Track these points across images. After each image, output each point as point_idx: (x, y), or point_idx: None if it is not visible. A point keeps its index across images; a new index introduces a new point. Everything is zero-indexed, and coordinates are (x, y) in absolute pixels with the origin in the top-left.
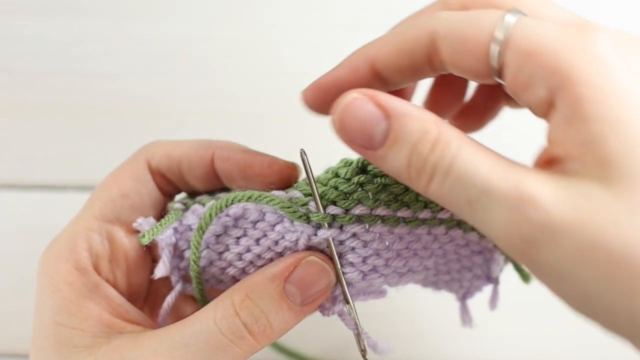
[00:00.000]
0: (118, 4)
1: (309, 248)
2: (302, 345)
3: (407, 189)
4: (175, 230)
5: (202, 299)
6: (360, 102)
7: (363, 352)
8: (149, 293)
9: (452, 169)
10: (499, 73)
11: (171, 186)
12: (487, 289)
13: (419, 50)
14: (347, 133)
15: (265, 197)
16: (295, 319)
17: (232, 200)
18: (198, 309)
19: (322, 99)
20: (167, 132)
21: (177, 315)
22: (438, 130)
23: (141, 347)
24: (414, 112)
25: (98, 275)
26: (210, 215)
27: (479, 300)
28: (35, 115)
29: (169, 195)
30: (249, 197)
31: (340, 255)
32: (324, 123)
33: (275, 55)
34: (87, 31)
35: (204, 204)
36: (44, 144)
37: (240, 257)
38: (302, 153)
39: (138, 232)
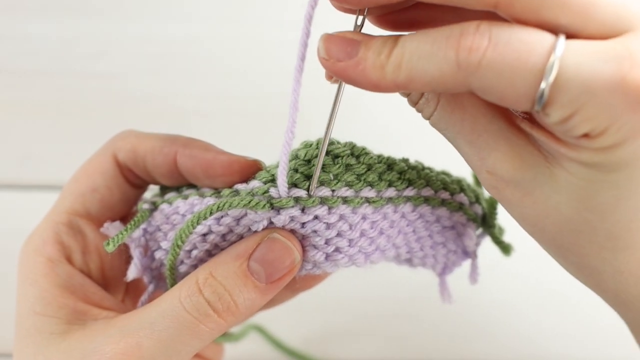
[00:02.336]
0: (118, 4)
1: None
2: (300, 343)
3: (369, 169)
4: (145, 231)
5: None
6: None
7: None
8: (130, 285)
9: (431, 121)
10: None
11: (139, 179)
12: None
13: None
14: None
15: (225, 204)
16: (262, 298)
17: (198, 220)
18: None
19: None
20: (167, 132)
21: None
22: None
23: (111, 328)
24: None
25: (71, 266)
26: (182, 239)
27: (479, 300)
28: (35, 115)
29: (139, 188)
30: (211, 211)
31: (303, 237)
32: (324, 123)
33: (275, 55)
34: (87, 31)
35: (171, 203)
36: (44, 144)
37: (209, 254)
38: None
39: None
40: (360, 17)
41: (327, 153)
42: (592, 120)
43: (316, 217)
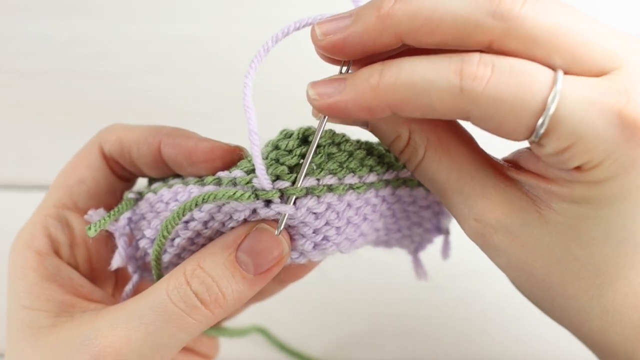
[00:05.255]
0: (118, 4)
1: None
2: (303, 345)
3: (350, 156)
4: (130, 220)
5: None
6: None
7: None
8: (119, 278)
9: (417, 171)
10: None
11: (126, 171)
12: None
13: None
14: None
15: (210, 196)
16: (250, 289)
17: (183, 212)
18: None
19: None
20: None
21: None
22: (408, 134)
23: (100, 321)
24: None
25: (59, 259)
26: (167, 229)
27: (479, 300)
28: (35, 115)
29: (125, 180)
30: (196, 203)
31: (289, 227)
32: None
33: (275, 55)
34: (87, 31)
35: (156, 192)
36: (44, 144)
37: (192, 242)
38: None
39: None
40: (345, 67)
41: (308, 142)
42: (588, 153)
43: (307, 209)
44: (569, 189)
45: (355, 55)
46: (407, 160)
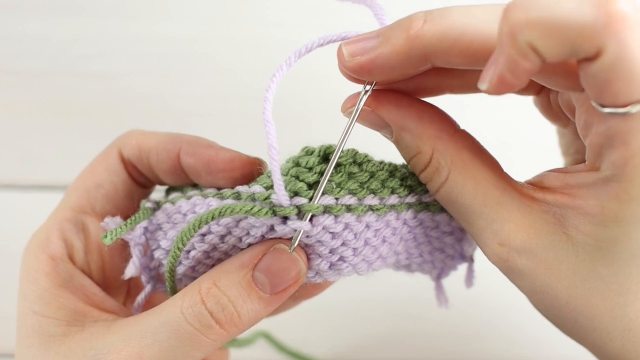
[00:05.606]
0: (118, 4)
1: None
2: (306, 348)
3: (372, 176)
4: (146, 229)
5: None
6: (362, 113)
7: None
8: (131, 287)
9: (439, 193)
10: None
11: (143, 177)
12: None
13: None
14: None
15: (227, 209)
16: (266, 309)
17: (200, 224)
18: None
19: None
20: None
21: None
22: (430, 152)
23: (111, 335)
24: (409, 125)
25: (73, 265)
26: (183, 241)
27: (480, 300)
28: (35, 115)
29: (142, 186)
30: (213, 216)
31: (306, 246)
32: (323, 123)
33: (275, 55)
34: (86, 31)
35: (174, 203)
36: (44, 144)
37: (207, 255)
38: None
39: None
40: (368, 86)
41: (329, 161)
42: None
43: (323, 228)
44: (599, 205)
45: (382, 76)
46: (429, 180)
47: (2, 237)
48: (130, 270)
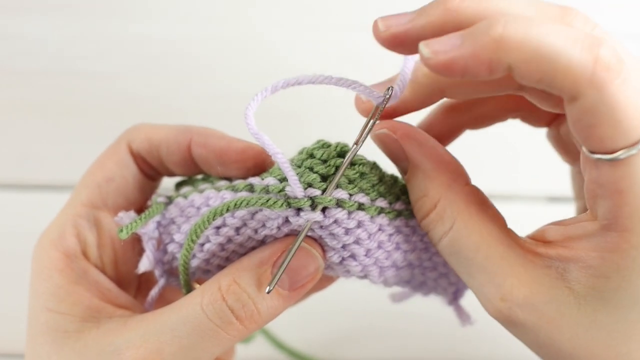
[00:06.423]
0: (117, 4)
1: (292, 232)
2: (303, 344)
3: (381, 180)
4: (159, 224)
5: (188, 292)
6: (387, 137)
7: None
8: (142, 282)
9: (441, 242)
10: None
11: (153, 170)
12: None
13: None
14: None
15: (243, 202)
16: (284, 305)
17: (214, 216)
18: None
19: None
20: None
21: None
22: (438, 198)
23: (129, 332)
24: (426, 166)
25: (87, 261)
26: (197, 233)
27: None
28: (35, 115)
29: (152, 179)
30: (227, 208)
31: (320, 238)
32: (323, 123)
33: (275, 55)
34: (86, 31)
35: (186, 197)
36: (44, 144)
37: (222, 247)
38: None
39: None
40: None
41: (344, 157)
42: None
43: (335, 221)
44: (600, 257)
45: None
46: (430, 228)
47: (2, 237)
48: (144, 265)
